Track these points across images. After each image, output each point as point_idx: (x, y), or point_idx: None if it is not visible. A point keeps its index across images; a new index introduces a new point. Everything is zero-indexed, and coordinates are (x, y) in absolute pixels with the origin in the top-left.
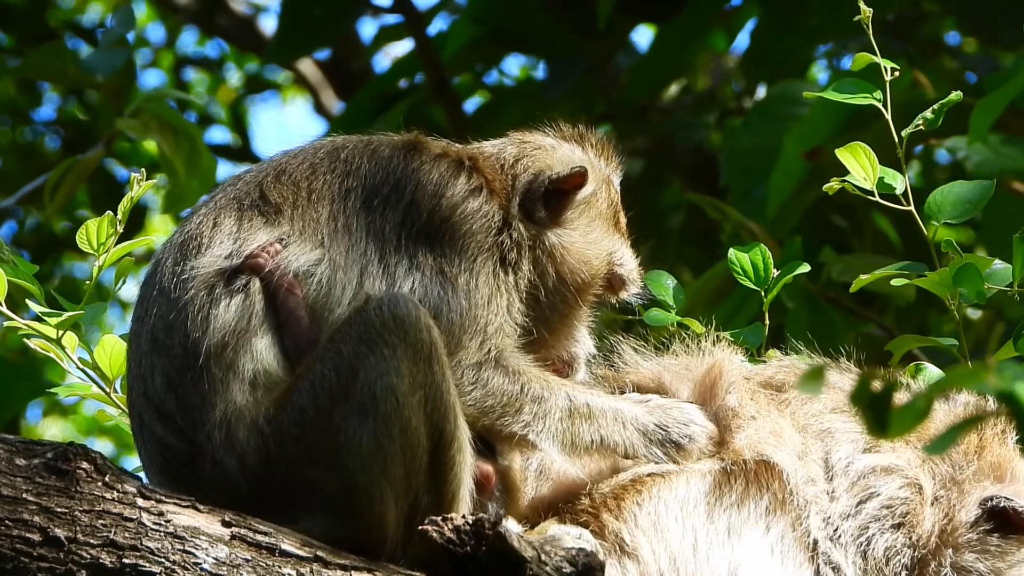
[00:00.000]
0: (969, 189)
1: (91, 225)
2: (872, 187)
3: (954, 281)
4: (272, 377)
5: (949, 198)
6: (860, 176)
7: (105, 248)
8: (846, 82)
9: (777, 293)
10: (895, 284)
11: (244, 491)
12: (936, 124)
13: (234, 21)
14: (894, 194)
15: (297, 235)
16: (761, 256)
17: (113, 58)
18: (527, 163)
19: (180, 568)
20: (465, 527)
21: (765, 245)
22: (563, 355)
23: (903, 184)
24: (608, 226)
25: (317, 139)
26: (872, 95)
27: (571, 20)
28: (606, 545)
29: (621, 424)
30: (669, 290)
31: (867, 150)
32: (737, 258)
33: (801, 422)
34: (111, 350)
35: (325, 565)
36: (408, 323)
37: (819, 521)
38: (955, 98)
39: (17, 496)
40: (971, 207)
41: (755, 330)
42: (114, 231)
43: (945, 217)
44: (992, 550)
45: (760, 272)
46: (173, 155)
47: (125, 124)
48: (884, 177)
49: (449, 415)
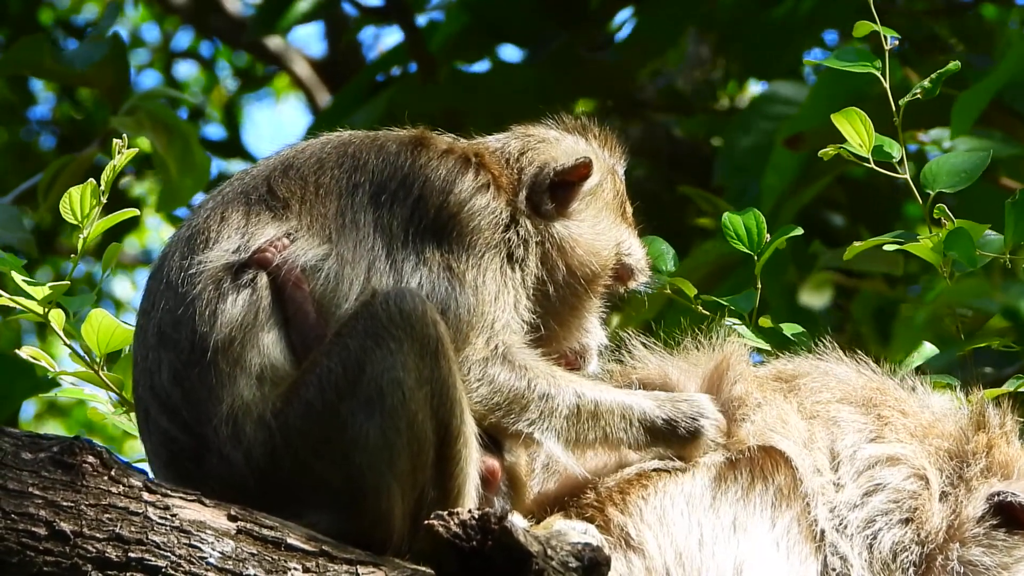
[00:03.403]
0: (964, 159)
1: (74, 193)
2: (868, 154)
3: (945, 246)
4: (279, 372)
5: (945, 167)
6: (856, 143)
7: (89, 220)
8: (847, 50)
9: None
10: (887, 250)
11: (250, 485)
12: (934, 92)
13: (229, 22)
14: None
15: (304, 230)
16: (755, 220)
17: (93, 51)
18: (532, 156)
19: (186, 562)
20: (471, 522)
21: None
22: (575, 347)
23: (899, 152)
24: (615, 216)
25: (324, 134)
26: (872, 64)
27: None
28: (612, 539)
29: (628, 421)
30: (665, 255)
31: (863, 116)
32: (731, 221)
33: (807, 411)
34: (99, 325)
35: (331, 559)
36: (415, 318)
37: (826, 512)
38: (953, 67)
39: (23, 490)
40: (966, 176)
41: (747, 296)
42: (97, 201)
43: (940, 186)
44: (998, 545)
45: (753, 235)
46: (167, 153)
47: (119, 122)
48: (882, 145)
49: (455, 410)
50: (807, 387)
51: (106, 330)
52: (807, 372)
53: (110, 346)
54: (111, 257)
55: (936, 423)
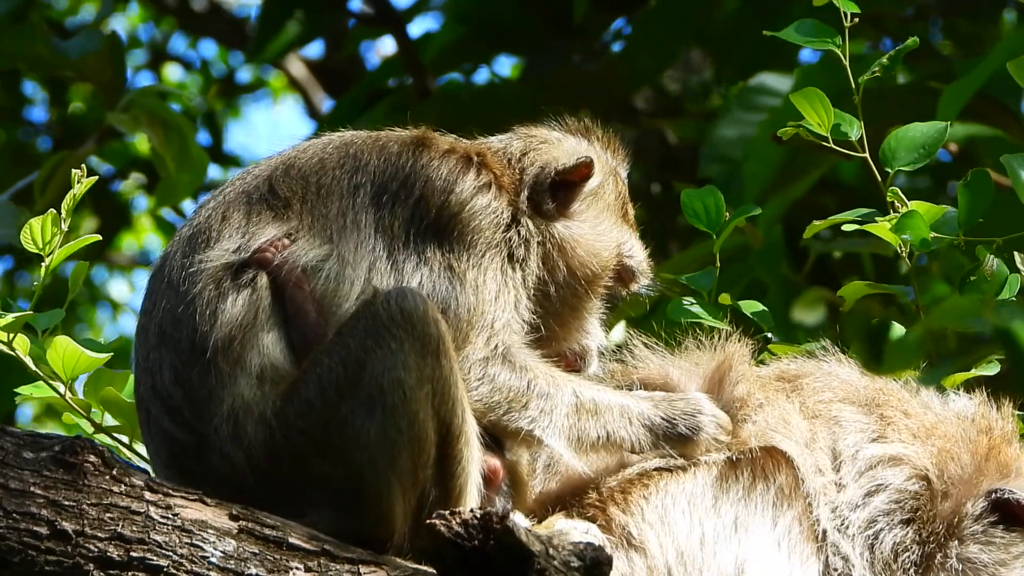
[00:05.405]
0: (923, 132)
1: (34, 224)
2: (827, 133)
3: (897, 228)
4: (279, 371)
5: (903, 142)
6: (815, 122)
7: (51, 247)
8: (805, 23)
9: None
10: (846, 229)
11: (251, 484)
12: (893, 70)
13: (226, 22)
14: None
15: (306, 230)
16: (713, 198)
17: (87, 41)
18: (534, 156)
19: (188, 561)
20: (473, 521)
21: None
22: (575, 348)
23: (859, 131)
24: (616, 218)
25: (326, 134)
26: (832, 40)
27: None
28: (613, 539)
29: (627, 420)
30: None
31: (821, 95)
32: (689, 199)
33: (809, 411)
34: (63, 351)
35: (332, 559)
36: (416, 317)
37: (827, 511)
38: (911, 43)
39: (25, 489)
40: (924, 153)
41: (706, 274)
42: (58, 230)
43: (900, 164)
44: (997, 542)
45: (712, 213)
46: (163, 150)
47: (115, 119)
48: (840, 124)
49: (457, 409)
50: (809, 387)
51: (71, 356)
52: (809, 372)
53: (76, 371)
54: (78, 276)
55: (939, 424)
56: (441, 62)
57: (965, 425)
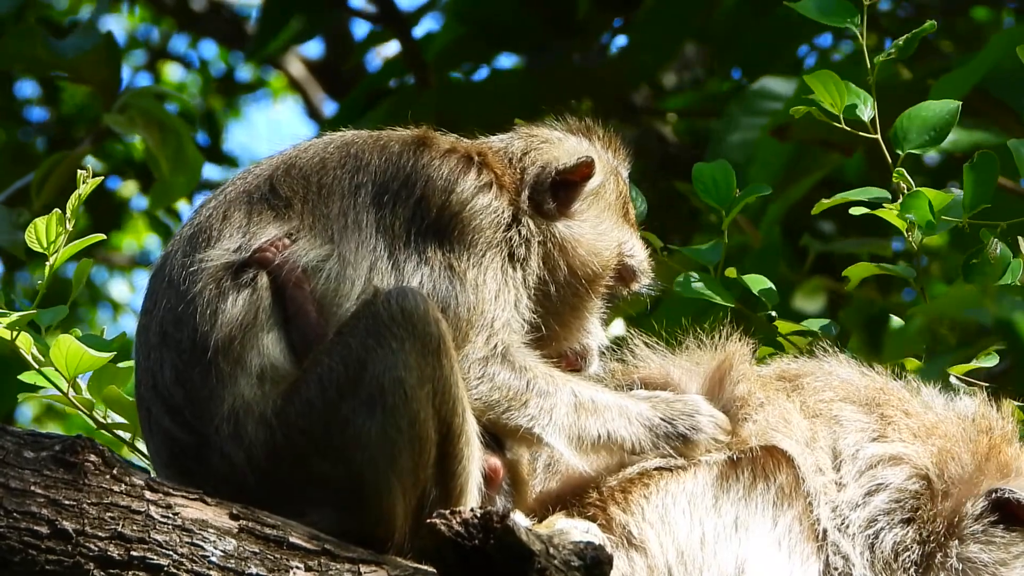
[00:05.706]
0: (935, 111)
1: (40, 223)
2: (839, 112)
3: (903, 208)
4: (279, 371)
5: (916, 122)
6: (828, 102)
7: (56, 247)
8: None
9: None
10: (853, 212)
11: (252, 484)
12: (909, 51)
13: (225, 22)
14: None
15: (307, 230)
16: (724, 172)
17: (83, 40)
18: (535, 156)
19: (188, 561)
20: (473, 520)
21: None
22: (576, 347)
23: (872, 111)
24: (617, 217)
25: (327, 134)
26: (850, 19)
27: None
28: (614, 538)
29: (627, 419)
30: (635, 200)
31: (835, 76)
32: (700, 173)
33: (810, 410)
34: (67, 350)
35: (333, 558)
36: (416, 316)
37: (828, 511)
38: (929, 27)
39: (25, 489)
40: (935, 136)
41: (714, 247)
42: (63, 229)
43: (911, 146)
44: (997, 541)
45: (722, 188)
46: (159, 151)
47: (112, 119)
48: (854, 105)
49: (457, 408)
50: (810, 386)
51: (74, 355)
52: (810, 372)
53: (79, 370)
54: (81, 273)
55: (939, 424)
56: (442, 62)
57: (965, 425)
